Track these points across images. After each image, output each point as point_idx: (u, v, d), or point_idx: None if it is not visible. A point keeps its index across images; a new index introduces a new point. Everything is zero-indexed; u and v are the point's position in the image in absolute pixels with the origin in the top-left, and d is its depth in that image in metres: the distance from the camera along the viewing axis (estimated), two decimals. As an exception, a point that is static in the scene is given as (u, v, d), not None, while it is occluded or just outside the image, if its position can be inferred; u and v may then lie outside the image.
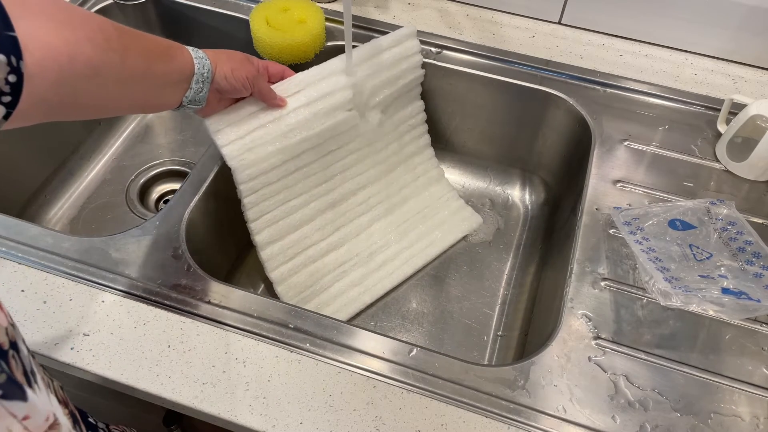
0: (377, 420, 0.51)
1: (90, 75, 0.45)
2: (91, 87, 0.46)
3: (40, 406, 0.37)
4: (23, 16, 0.39)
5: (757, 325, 0.59)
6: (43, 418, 0.38)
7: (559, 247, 0.76)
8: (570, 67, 0.83)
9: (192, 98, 0.58)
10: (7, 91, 0.38)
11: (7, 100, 0.38)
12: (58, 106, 0.45)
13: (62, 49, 0.41)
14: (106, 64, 0.46)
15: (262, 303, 0.59)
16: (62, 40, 0.41)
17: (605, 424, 0.52)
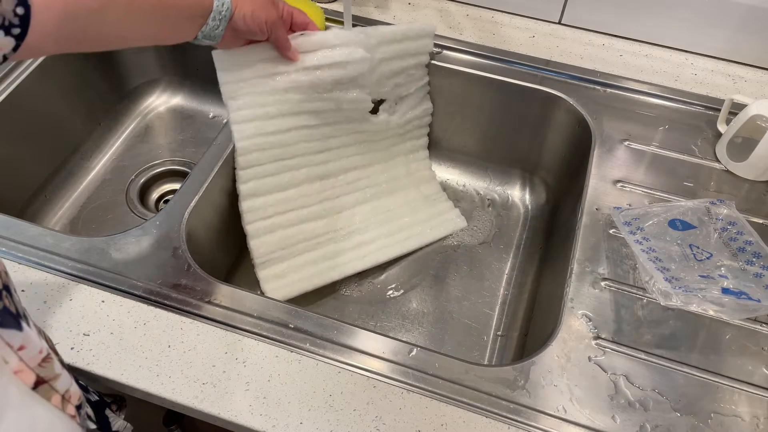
0: (377, 420, 0.51)
1: (98, 8, 0.45)
2: (100, 20, 0.46)
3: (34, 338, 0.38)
4: None
5: (757, 325, 0.59)
6: (37, 350, 0.39)
7: (559, 247, 0.76)
8: (570, 67, 0.83)
9: (207, 34, 0.58)
10: (17, 23, 0.38)
11: (16, 32, 0.39)
12: (67, 39, 0.45)
13: None
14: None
15: (262, 303, 0.59)
16: None
17: (605, 424, 0.52)
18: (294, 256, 0.77)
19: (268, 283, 0.74)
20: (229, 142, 0.73)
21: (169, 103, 1.02)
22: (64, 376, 0.41)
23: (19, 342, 0.37)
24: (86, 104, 0.92)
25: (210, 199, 0.70)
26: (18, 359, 0.37)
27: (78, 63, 0.88)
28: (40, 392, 0.39)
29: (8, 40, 0.39)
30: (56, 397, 0.40)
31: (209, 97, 1.02)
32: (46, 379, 0.39)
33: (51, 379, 0.40)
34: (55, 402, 0.40)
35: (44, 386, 0.39)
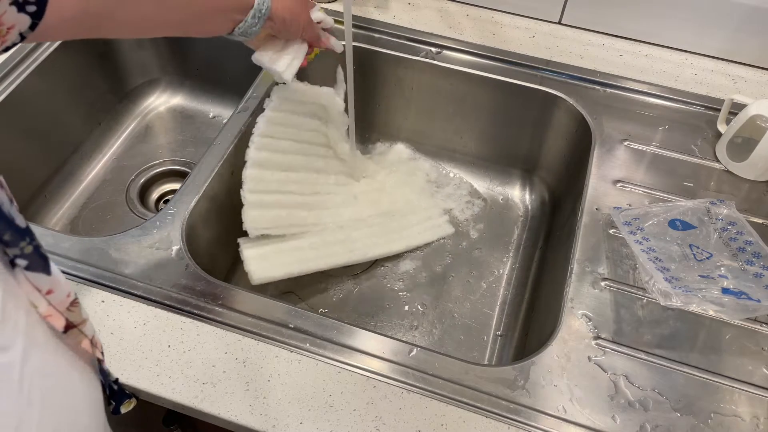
0: (377, 420, 0.51)
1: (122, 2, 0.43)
2: (126, 6, 0.44)
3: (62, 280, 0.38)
4: None
5: (757, 325, 0.59)
6: (65, 293, 0.38)
7: (559, 247, 0.76)
8: (570, 67, 0.83)
9: (244, 30, 0.56)
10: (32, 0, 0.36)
11: (32, 10, 0.37)
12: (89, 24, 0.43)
13: None
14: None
15: (262, 303, 0.59)
16: None
17: (605, 424, 0.52)
18: (282, 239, 0.76)
19: (251, 263, 0.73)
20: (229, 142, 0.73)
21: (169, 103, 1.02)
22: (89, 322, 0.41)
23: (48, 286, 0.36)
24: (86, 104, 0.92)
25: (210, 199, 0.70)
26: (47, 303, 0.36)
27: (78, 63, 0.88)
28: (71, 336, 0.38)
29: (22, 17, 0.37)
30: (86, 341, 0.40)
31: (209, 97, 1.02)
32: (75, 324, 0.39)
33: (79, 324, 0.39)
34: (85, 345, 0.40)
35: (74, 330, 0.39)
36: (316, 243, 0.78)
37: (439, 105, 0.89)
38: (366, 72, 0.88)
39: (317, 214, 0.80)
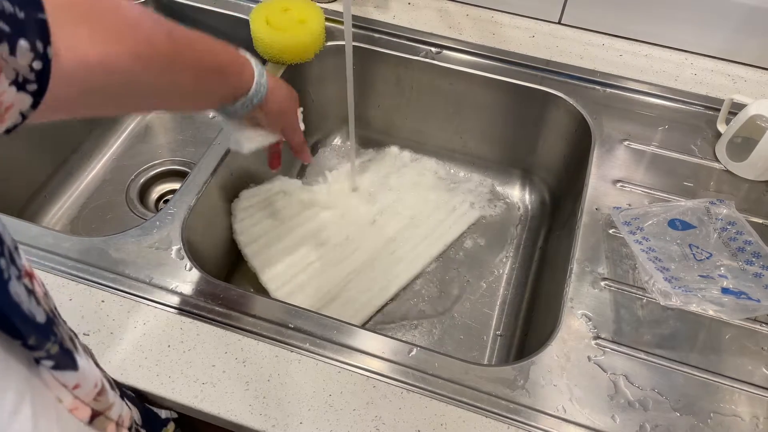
0: (377, 420, 0.51)
1: (125, 91, 0.41)
2: (125, 98, 0.43)
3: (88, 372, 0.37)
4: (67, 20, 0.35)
5: (757, 325, 0.59)
6: (92, 384, 0.38)
7: (559, 247, 0.76)
8: (570, 67, 0.83)
9: (229, 111, 0.55)
10: (32, 78, 0.34)
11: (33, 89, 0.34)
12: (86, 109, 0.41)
13: (96, 63, 0.37)
14: (147, 80, 0.42)
15: (262, 303, 0.59)
16: (100, 54, 0.37)
17: (605, 424, 0.52)
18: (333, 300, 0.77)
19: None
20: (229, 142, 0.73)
21: (169, 103, 1.02)
22: (116, 402, 0.41)
23: (75, 381, 0.36)
24: (86, 104, 0.92)
25: (210, 199, 0.70)
26: (72, 397, 0.36)
27: (78, 63, 0.88)
28: (96, 425, 0.38)
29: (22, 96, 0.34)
30: (111, 425, 0.40)
31: (209, 97, 1.02)
32: (101, 411, 0.39)
33: (105, 410, 0.40)
34: (111, 430, 0.40)
35: (99, 418, 0.39)
36: (362, 287, 0.79)
37: (439, 105, 0.89)
38: (366, 72, 0.88)
39: (346, 263, 0.80)
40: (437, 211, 0.88)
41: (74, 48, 0.36)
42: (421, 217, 0.87)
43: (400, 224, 0.86)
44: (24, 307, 0.31)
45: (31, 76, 0.33)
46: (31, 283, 0.33)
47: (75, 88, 0.37)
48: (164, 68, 0.43)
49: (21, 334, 0.31)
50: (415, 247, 0.84)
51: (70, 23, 0.35)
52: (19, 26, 0.31)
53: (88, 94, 0.38)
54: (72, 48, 0.35)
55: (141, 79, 0.41)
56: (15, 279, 0.30)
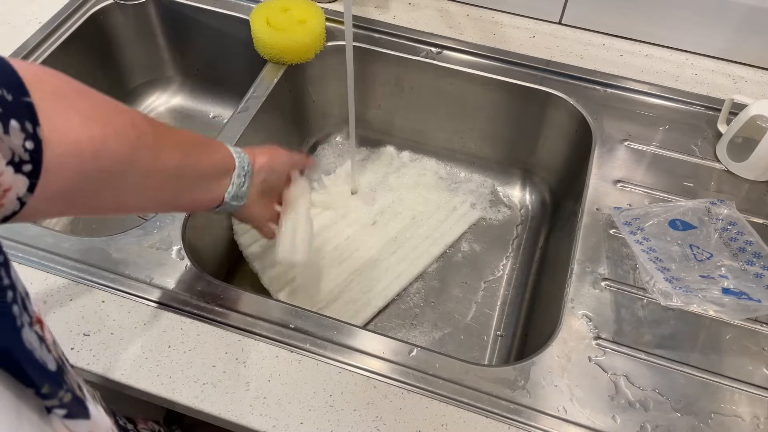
0: (377, 420, 0.51)
1: (116, 171, 0.41)
2: (117, 183, 0.42)
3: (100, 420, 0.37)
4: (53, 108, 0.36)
5: (757, 326, 0.59)
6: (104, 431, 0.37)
7: (559, 247, 0.75)
8: (570, 67, 0.83)
9: (234, 194, 0.54)
10: (27, 159, 0.34)
11: (28, 169, 0.34)
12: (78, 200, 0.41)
13: (86, 145, 0.38)
14: (136, 160, 0.42)
15: (262, 303, 0.59)
16: (88, 136, 0.38)
17: (605, 424, 0.52)
18: (335, 300, 0.77)
19: None
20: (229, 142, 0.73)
21: (169, 103, 1.02)
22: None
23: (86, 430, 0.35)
24: (86, 104, 0.92)
25: (210, 199, 0.70)
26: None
27: (78, 62, 0.88)
28: None
29: (20, 178, 0.34)
30: None
31: (209, 97, 1.02)
32: None
33: None
34: None
35: None
36: (363, 287, 0.79)
37: (439, 105, 0.89)
38: (366, 72, 0.88)
39: (347, 264, 0.80)
40: (438, 212, 0.88)
41: (63, 130, 0.36)
42: (422, 217, 0.87)
43: (401, 224, 0.86)
44: (36, 354, 0.30)
45: (26, 156, 0.34)
46: (42, 330, 0.32)
47: (67, 173, 0.37)
48: (150, 148, 0.44)
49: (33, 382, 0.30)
50: (416, 248, 0.84)
51: (56, 107, 0.36)
52: (9, 107, 0.32)
53: (80, 180, 0.38)
54: (61, 131, 0.36)
55: (129, 161, 0.41)
56: (27, 326, 0.30)
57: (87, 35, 0.87)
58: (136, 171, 0.43)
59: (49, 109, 0.35)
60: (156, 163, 0.45)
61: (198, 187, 0.51)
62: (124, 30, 0.93)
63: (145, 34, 0.95)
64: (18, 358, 0.29)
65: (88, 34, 0.87)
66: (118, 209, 0.46)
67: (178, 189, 0.49)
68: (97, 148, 0.38)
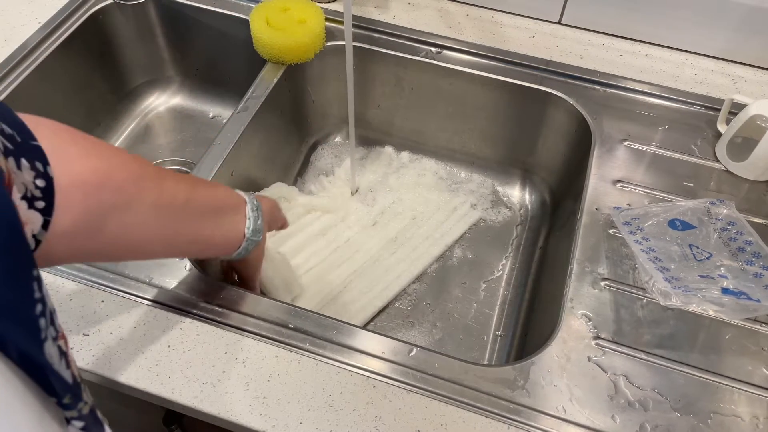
0: (377, 420, 0.51)
1: (122, 204, 0.41)
2: (124, 219, 0.41)
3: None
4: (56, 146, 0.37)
5: (757, 325, 0.59)
6: None
7: (558, 247, 0.76)
8: (570, 67, 0.83)
9: (253, 228, 0.54)
10: (39, 195, 0.35)
11: (41, 206, 0.35)
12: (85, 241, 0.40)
13: (91, 177, 0.38)
14: (140, 192, 0.42)
15: (261, 303, 0.59)
16: (91, 169, 0.39)
17: (605, 424, 0.52)
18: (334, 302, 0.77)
19: None
20: (229, 142, 0.73)
21: (168, 103, 1.02)
22: None
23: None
24: (86, 104, 0.92)
25: (210, 199, 0.70)
26: None
27: (78, 63, 0.88)
28: None
29: (34, 214, 0.35)
30: None
31: (209, 97, 1.02)
32: None
33: None
34: None
35: None
36: (363, 288, 0.79)
37: (439, 105, 0.89)
38: (366, 72, 0.88)
39: (348, 265, 0.81)
40: (438, 212, 0.88)
41: (66, 164, 0.37)
42: (423, 217, 0.87)
43: (401, 225, 0.86)
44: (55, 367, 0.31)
45: (38, 192, 0.35)
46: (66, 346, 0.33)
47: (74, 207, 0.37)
48: (154, 180, 0.44)
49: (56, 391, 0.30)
50: (416, 248, 0.84)
51: (58, 144, 0.37)
52: (19, 147, 0.33)
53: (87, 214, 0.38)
54: (64, 165, 0.37)
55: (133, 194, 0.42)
56: (51, 339, 0.30)
57: (87, 35, 0.87)
58: (143, 204, 0.43)
59: (52, 147, 0.36)
60: (162, 195, 0.44)
61: (215, 222, 0.50)
62: (124, 30, 0.93)
63: (145, 34, 0.95)
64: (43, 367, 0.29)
65: (87, 34, 0.87)
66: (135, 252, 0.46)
67: (192, 226, 0.48)
68: (101, 180, 0.39)
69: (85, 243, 0.40)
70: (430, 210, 0.88)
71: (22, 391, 0.27)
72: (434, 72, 0.85)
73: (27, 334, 0.28)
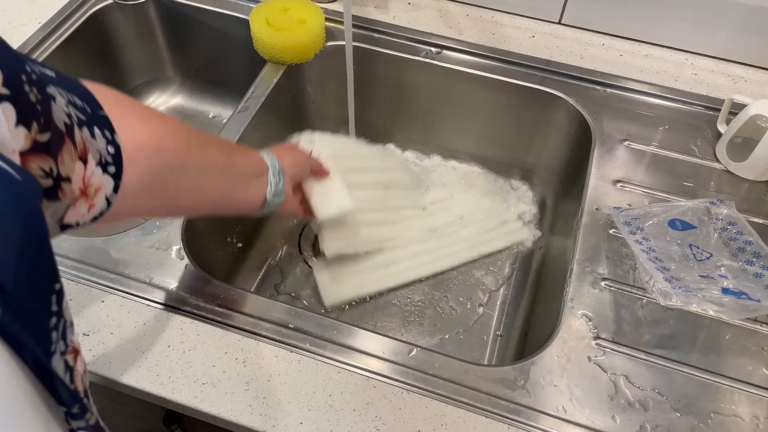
0: (377, 420, 0.51)
1: (176, 166, 0.46)
2: (178, 179, 0.47)
3: None
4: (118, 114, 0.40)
5: (757, 325, 0.59)
6: None
7: (559, 247, 0.76)
8: (570, 67, 0.83)
9: (275, 192, 0.58)
10: (111, 161, 0.39)
11: (112, 171, 0.39)
12: (150, 196, 0.45)
13: (149, 141, 0.43)
14: (189, 156, 0.47)
15: (262, 303, 0.59)
16: (149, 134, 0.43)
17: (605, 424, 0.52)
18: (355, 260, 0.77)
19: (324, 288, 0.76)
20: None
21: (169, 103, 1.02)
22: None
23: None
24: (86, 104, 0.92)
25: (210, 199, 0.70)
26: None
27: (78, 62, 0.88)
28: None
29: (107, 179, 0.39)
30: None
31: (209, 97, 1.02)
32: None
33: None
34: None
35: None
36: (387, 260, 0.79)
37: (439, 105, 0.89)
38: (366, 72, 0.88)
39: (389, 229, 0.80)
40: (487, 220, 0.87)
41: (131, 134, 0.41)
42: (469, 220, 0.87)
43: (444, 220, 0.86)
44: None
45: (110, 158, 0.39)
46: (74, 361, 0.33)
47: (139, 169, 0.42)
48: (199, 146, 0.49)
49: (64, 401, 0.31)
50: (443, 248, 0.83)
51: (120, 112, 0.41)
52: (90, 117, 0.37)
53: (150, 174, 0.43)
54: (129, 134, 0.41)
55: (184, 157, 0.47)
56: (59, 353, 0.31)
57: (87, 35, 0.87)
58: (192, 166, 0.48)
59: (114, 114, 0.40)
60: (206, 159, 0.50)
61: (244, 186, 0.56)
62: (124, 30, 0.93)
63: (145, 34, 0.95)
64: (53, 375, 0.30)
65: (87, 34, 0.87)
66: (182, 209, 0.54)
67: (228, 187, 0.54)
68: (158, 144, 0.44)
69: (148, 200, 0.45)
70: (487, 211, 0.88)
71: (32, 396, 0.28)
72: (434, 72, 0.85)
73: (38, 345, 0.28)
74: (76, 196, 0.36)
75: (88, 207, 0.38)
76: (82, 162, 0.36)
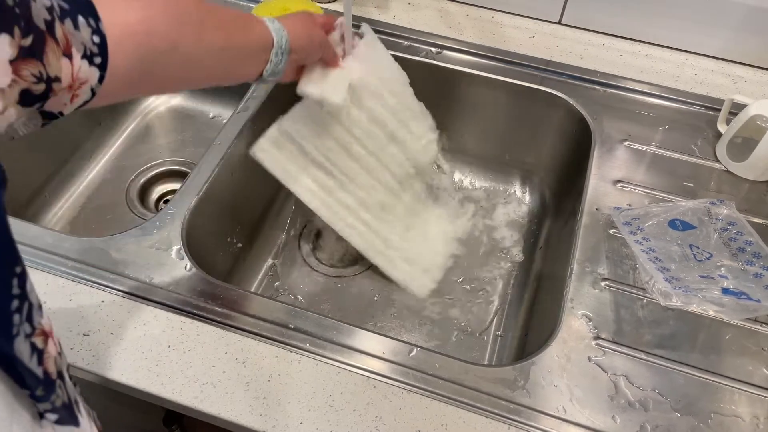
0: (377, 420, 0.51)
1: (167, 50, 0.44)
2: (170, 61, 0.45)
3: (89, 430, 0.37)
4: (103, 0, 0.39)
5: (757, 326, 0.59)
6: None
7: (559, 247, 0.75)
8: (570, 67, 0.83)
9: (272, 71, 0.56)
10: (96, 51, 0.38)
11: (98, 62, 0.38)
12: (139, 81, 0.44)
13: (138, 27, 0.41)
14: (183, 38, 0.45)
15: (262, 303, 0.59)
16: (137, 18, 0.41)
17: (605, 424, 0.52)
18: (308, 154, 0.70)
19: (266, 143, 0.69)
20: (229, 142, 0.73)
21: (169, 103, 1.02)
22: None
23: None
24: (86, 104, 0.92)
25: (210, 199, 0.70)
26: None
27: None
28: None
29: (93, 70, 0.38)
30: None
31: (209, 97, 1.02)
32: None
33: None
34: None
35: None
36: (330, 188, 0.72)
37: (439, 105, 0.89)
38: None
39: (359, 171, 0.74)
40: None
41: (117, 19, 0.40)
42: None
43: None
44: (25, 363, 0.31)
45: (95, 49, 0.37)
46: (44, 343, 0.33)
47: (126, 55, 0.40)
48: (195, 25, 0.47)
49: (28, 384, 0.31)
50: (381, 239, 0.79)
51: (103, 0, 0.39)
52: (74, 5, 0.36)
53: (137, 61, 0.42)
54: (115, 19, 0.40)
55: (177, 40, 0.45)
56: (23, 335, 0.31)
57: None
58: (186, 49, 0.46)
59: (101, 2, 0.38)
60: (202, 40, 0.48)
61: (241, 63, 0.54)
62: (124, 30, 0.93)
63: (145, 34, 0.95)
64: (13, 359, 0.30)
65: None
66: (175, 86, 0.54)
67: (227, 64, 0.52)
68: (148, 28, 0.42)
69: (139, 84, 0.44)
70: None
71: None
72: (434, 72, 0.85)
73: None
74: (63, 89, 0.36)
75: (71, 97, 0.38)
76: (67, 58, 0.35)
